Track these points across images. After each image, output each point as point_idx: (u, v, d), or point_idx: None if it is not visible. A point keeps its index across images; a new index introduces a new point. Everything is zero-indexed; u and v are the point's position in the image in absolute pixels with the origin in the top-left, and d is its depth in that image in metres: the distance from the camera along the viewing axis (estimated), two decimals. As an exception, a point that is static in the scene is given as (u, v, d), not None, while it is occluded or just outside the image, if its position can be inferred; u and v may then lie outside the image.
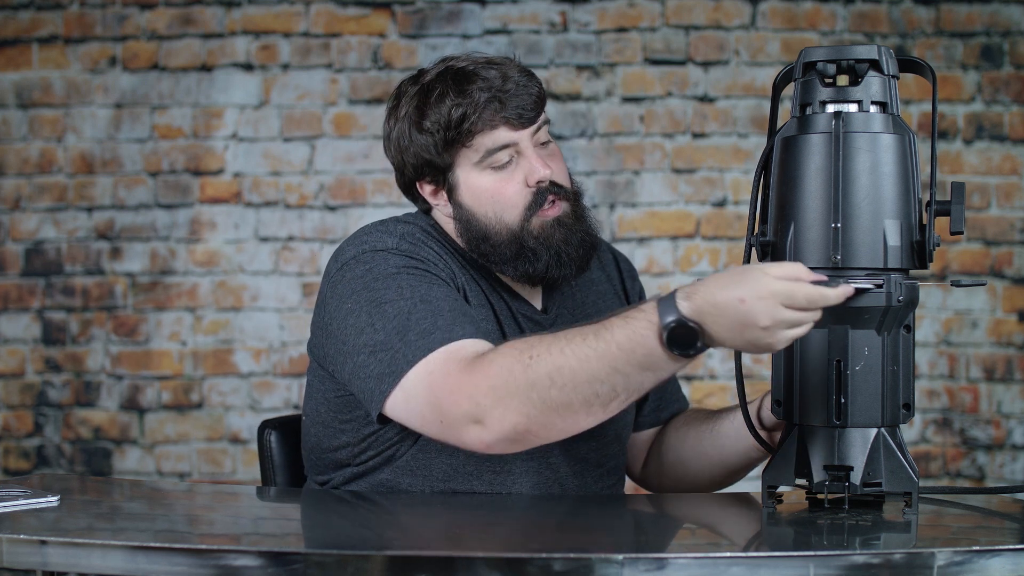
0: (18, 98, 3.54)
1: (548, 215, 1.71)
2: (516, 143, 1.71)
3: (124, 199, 3.53)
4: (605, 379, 1.42)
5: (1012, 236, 3.51)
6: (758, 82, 3.52)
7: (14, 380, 3.53)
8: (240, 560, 1.24)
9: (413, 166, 1.75)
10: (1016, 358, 3.50)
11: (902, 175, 1.43)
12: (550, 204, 1.72)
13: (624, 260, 1.98)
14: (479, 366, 1.49)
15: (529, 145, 1.71)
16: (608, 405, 1.45)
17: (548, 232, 1.71)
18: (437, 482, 1.68)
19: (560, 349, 1.44)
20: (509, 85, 1.69)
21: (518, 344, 1.49)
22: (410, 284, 1.62)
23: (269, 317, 3.52)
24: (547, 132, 1.76)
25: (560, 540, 1.40)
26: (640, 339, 1.41)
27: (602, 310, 1.85)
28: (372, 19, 3.55)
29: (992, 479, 3.50)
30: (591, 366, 1.42)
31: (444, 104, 1.70)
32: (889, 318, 1.42)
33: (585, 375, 1.43)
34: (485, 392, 1.47)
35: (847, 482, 1.42)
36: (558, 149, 1.78)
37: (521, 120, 1.70)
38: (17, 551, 1.31)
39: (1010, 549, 1.26)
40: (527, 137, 1.71)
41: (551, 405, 1.44)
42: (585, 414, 1.45)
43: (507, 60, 1.76)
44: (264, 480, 1.94)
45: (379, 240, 1.69)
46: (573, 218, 1.74)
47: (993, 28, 3.52)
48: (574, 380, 1.43)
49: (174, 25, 3.54)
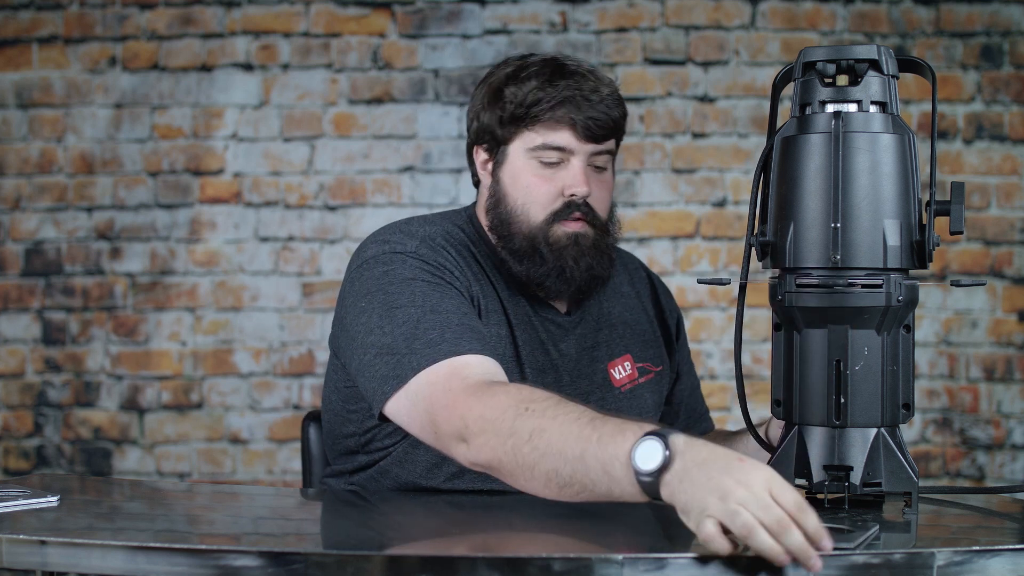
0: (18, 98, 3.54)
1: (568, 227, 1.73)
2: (572, 150, 1.73)
3: (124, 199, 3.53)
4: (570, 461, 1.38)
5: (1012, 236, 3.51)
6: (758, 82, 3.52)
7: (14, 380, 3.53)
8: (240, 560, 1.24)
9: (477, 130, 1.81)
10: (1016, 358, 3.50)
11: (902, 175, 1.43)
12: (574, 219, 1.74)
13: (660, 283, 2.01)
14: (480, 393, 1.50)
15: (582, 159, 1.74)
16: (563, 489, 1.41)
17: (563, 243, 1.73)
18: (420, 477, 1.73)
19: (553, 414, 1.42)
20: (594, 97, 1.72)
21: (525, 390, 1.49)
22: (423, 292, 1.64)
23: (269, 317, 3.52)
24: (609, 162, 1.78)
25: (560, 540, 1.40)
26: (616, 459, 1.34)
27: (628, 322, 1.88)
28: (372, 19, 3.55)
29: (992, 479, 3.50)
30: (566, 443, 1.39)
31: (528, 84, 1.73)
32: (889, 318, 1.42)
33: (557, 448, 1.40)
34: (475, 419, 1.48)
35: (847, 482, 1.42)
36: (611, 183, 1.80)
37: (587, 132, 1.72)
38: (17, 551, 1.31)
39: (1010, 549, 1.26)
40: (584, 151, 1.74)
41: (519, 460, 1.43)
42: (543, 485, 1.43)
43: (610, 81, 1.78)
44: (304, 470, 2.02)
45: (400, 242, 1.71)
46: (591, 244, 1.76)
47: (993, 28, 3.52)
48: (547, 447, 1.40)
49: (174, 25, 3.54)
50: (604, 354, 1.83)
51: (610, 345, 1.85)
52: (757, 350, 3.48)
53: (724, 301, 3.51)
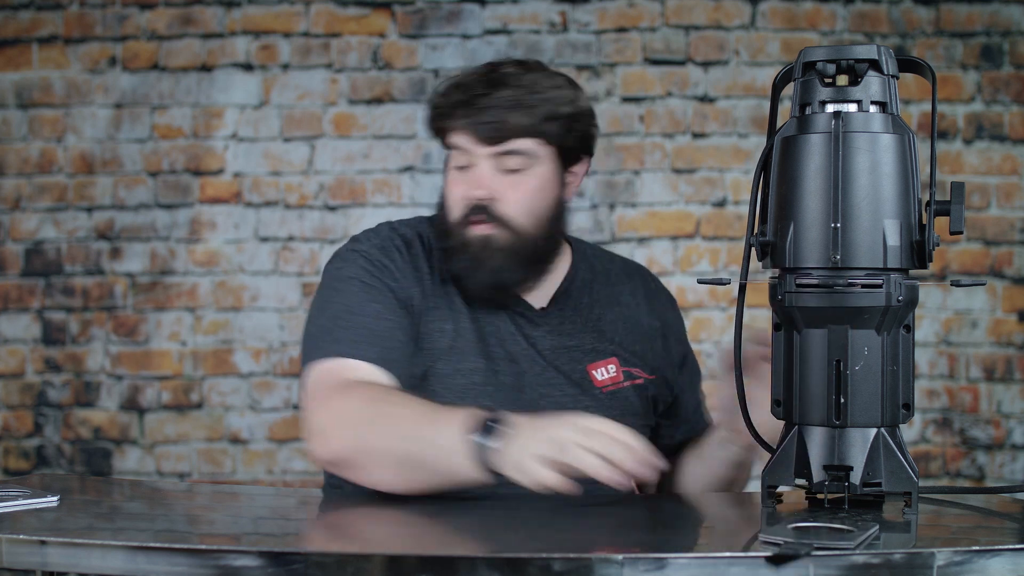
0: (18, 98, 3.54)
1: (475, 230, 1.76)
2: (473, 153, 1.75)
3: (124, 199, 3.54)
4: (415, 442, 1.53)
5: (1012, 236, 3.51)
6: (758, 82, 3.52)
7: (14, 380, 3.53)
8: (240, 560, 1.24)
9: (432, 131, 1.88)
10: (1016, 358, 3.50)
11: (902, 175, 1.43)
12: (479, 222, 1.76)
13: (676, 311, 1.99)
14: (339, 391, 1.63)
15: (487, 162, 1.75)
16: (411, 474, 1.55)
17: (472, 246, 1.76)
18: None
19: (401, 403, 1.59)
20: (486, 102, 1.73)
21: (379, 388, 1.64)
22: (354, 292, 1.74)
23: (269, 317, 3.52)
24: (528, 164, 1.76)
25: (560, 540, 1.40)
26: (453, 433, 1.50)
27: (620, 330, 1.88)
28: (372, 19, 3.55)
29: (992, 479, 3.50)
30: (410, 427, 1.54)
31: (440, 91, 1.80)
32: (889, 318, 1.42)
33: (401, 433, 1.55)
34: (329, 415, 1.61)
35: (847, 482, 1.42)
36: (531, 185, 1.76)
37: (479, 136, 1.74)
38: (17, 551, 1.31)
39: (1010, 549, 1.26)
40: (485, 154, 1.75)
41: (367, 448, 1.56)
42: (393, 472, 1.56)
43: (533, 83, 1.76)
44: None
45: (364, 240, 1.82)
46: (502, 247, 1.76)
47: (993, 28, 3.52)
48: (392, 433, 1.55)
49: (174, 25, 3.54)
50: (586, 355, 1.83)
51: (595, 347, 1.84)
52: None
53: (724, 301, 3.51)
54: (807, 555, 1.22)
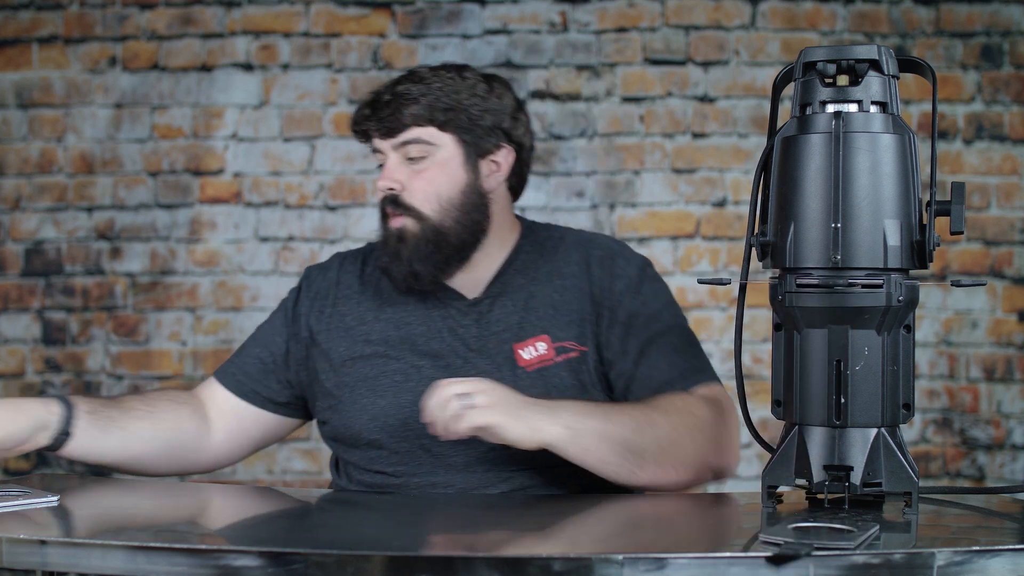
0: (18, 98, 3.54)
1: (390, 225, 1.84)
2: (380, 149, 1.85)
3: (124, 199, 3.54)
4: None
5: (1012, 236, 3.51)
6: (758, 82, 3.52)
7: (14, 380, 3.53)
8: (240, 560, 1.24)
9: None
10: (1016, 358, 3.50)
11: (902, 175, 1.43)
12: (390, 215, 1.84)
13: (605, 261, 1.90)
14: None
15: (391, 155, 1.84)
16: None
17: (390, 239, 1.84)
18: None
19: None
20: (386, 97, 1.83)
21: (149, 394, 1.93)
22: (271, 315, 2.03)
23: (269, 317, 3.52)
24: (429, 152, 1.82)
25: (560, 540, 1.40)
26: None
27: (555, 304, 1.86)
28: (372, 19, 3.55)
29: (992, 479, 3.50)
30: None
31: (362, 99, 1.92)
32: (889, 318, 1.42)
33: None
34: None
35: (847, 482, 1.42)
36: (435, 173, 1.83)
37: (380, 131, 1.84)
38: (17, 551, 1.31)
39: (1010, 549, 1.26)
40: (389, 147, 1.84)
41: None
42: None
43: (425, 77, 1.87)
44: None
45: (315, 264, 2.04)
46: (416, 238, 1.82)
47: (993, 28, 3.52)
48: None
49: (174, 25, 3.54)
50: (513, 335, 1.83)
51: (523, 326, 1.83)
52: (757, 350, 3.48)
53: (724, 301, 3.51)
54: (807, 555, 1.22)
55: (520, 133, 1.90)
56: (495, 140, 1.86)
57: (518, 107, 1.91)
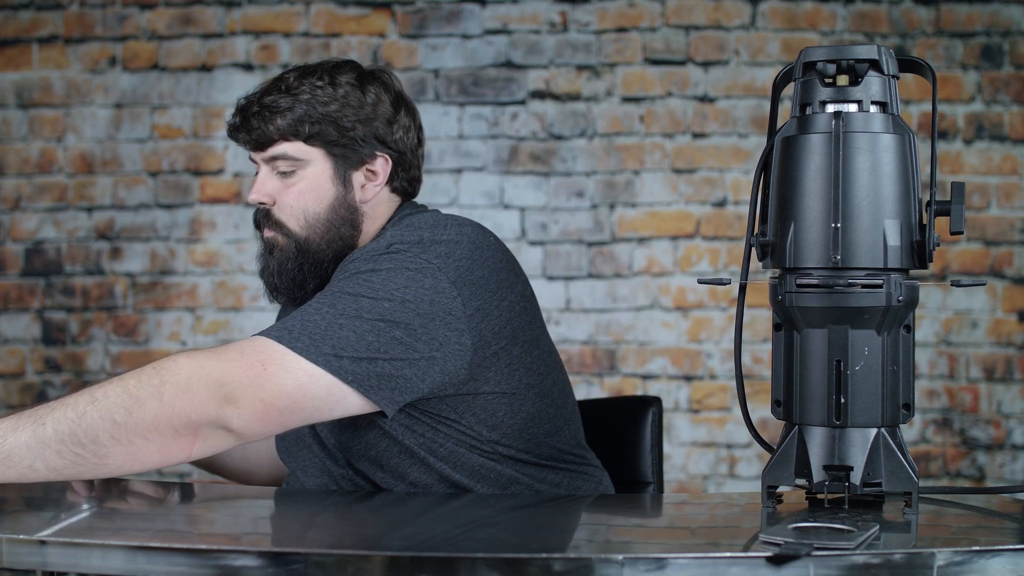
0: (18, 98, 3.54)
1: (264, 237, 1.80)
2: (254, 160, 1.81)
3: (124, 199, 3.53)
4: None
5: (1012, 236, 3.51)
6: (758, 82, 3.52)
7: (14, 380, 3.53)
8: (240, 560, 1.24)
9: None
10: (1016, 358, 3.50)
11: (902, 175, 1.43)
12: (265, 229, 1.80)
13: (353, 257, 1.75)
14: None
15: (261, 168, 1.80)
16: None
17: (263, 252, 1.81)
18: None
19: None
20: (254, 108, 1.77)
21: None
22: None
23: (269, 317, 3.52)
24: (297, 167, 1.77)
25: (560, 540, 1.40)
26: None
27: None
28: (372, 19, 3.55)
29: (992, 479, 3.50)
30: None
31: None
32: (889, 318, 1.42)
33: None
34: None
35: (847, 482, 1.42)
36: (303, 189, 1.77)
37: (248, 143, 1.79)
38: (17, 551, 1.31)
39: (1010, 549, 1.26)
40: (261, 159, 1.79)
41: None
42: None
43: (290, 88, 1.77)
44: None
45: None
46: (282, 252, 1.78)
47: (993, 28, 3.52)
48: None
49: (174, 25, 3.54)
50: None
51: None
52: (757, 350, 3.48)
53: (724, 301, 3.51)
54: (807, 555, 1.22)
55: (398, 137, 1.81)
56: (369, 150, 1.78)
57: (397, 109, 1.81)
